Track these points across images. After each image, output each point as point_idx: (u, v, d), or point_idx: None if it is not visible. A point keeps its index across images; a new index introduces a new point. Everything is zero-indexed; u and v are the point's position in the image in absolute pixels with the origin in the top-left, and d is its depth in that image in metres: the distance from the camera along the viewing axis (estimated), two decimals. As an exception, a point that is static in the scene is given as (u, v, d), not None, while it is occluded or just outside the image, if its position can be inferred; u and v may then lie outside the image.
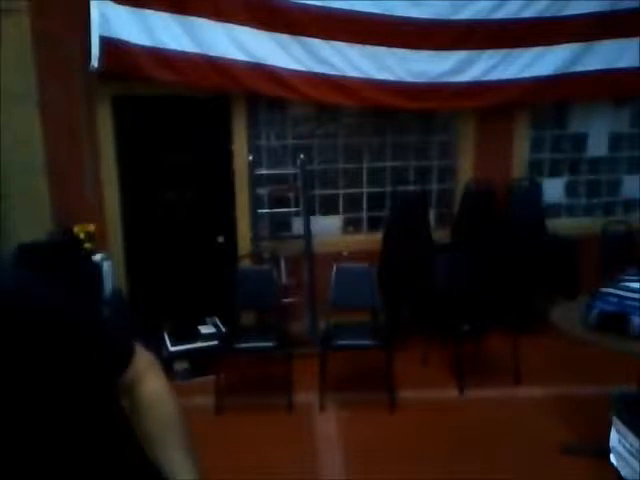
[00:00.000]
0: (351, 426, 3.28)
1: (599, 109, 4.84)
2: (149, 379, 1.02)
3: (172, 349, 3.90)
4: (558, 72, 4.39)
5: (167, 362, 3.75)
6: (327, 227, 4.66)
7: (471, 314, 3.79)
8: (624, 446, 2.45)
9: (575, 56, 4.39)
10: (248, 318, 4.27)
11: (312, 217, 4.48)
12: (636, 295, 2.62)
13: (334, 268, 3.83)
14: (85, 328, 0.92)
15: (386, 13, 4.12)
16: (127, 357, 1.00)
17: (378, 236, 4.47)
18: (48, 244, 3.61)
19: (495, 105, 4.43)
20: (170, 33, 3.84)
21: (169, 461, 0.95)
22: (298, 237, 4.44)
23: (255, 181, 4.38)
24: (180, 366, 3.86)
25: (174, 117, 4.22)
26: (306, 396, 3.55)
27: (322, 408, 3.48)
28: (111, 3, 3.70)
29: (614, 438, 2.53)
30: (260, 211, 4.45)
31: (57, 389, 0.82)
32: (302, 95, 4.17)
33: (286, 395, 3.48)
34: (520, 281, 4.23)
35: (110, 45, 3.72)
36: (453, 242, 4.53)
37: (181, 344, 3.95)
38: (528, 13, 4.27)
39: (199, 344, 3.97)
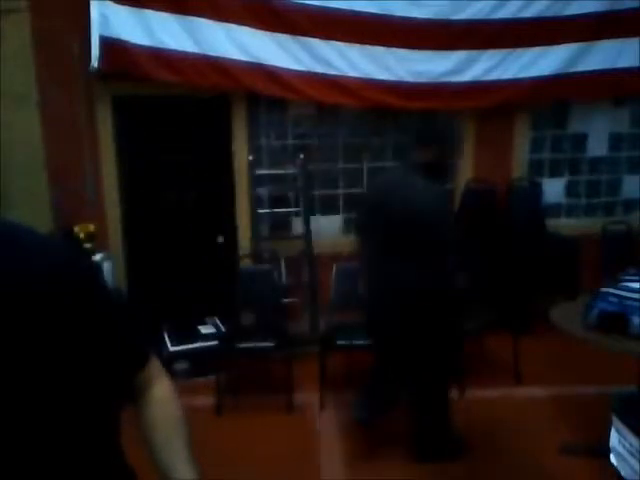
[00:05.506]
0: (351, 426, 3.28)
1: (599, 109, 4.83)
2: (159, 384, 1.04)
3: (172, 349, 3.90)
4: (558, 72, 4.38)
5: (167, 362, 3.74)
6: (327, 227, 4.66)
7: (471, 314, 3.78)
8: (624, 446, 2.45)
9: (575, 56, 4.39)
10: (248, 318, 4.27)
11: (312, 217, 4.48)
12: (636, 295, 2.61)
13: (334, 268, 3.82)
14: (114, 314, 0.97)
15: (386, 13, 4.12)
16: (145, 357, 1.03)
17: (378, 236, 4.46)
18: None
19: (495, 105, 4.42)
20: (170, 33, 3.84)
21: (171, 466, 0.96)
22: (298, 237, 4.44)
23: (255, 181, 4.38)
24: (180, 366, 3.86)
25: (174, 117, 4.22)
26: (306, 396, 3.55)
27: (322, 408, 3.48)
28: (111, 3, 3.71)
29: (614, 438, 2.52)
30: (260, 211, 4.45)
31: (72, 371, 0.85)
32: (302, 95, 4.17)
33: (286, 395, 3.48)
34: (520, 281, 4.23)
35: (110, 45, 3.73)
36: (453, 242, 4.52)
37: (181, 344, 3.95)
38: (528, 13, 4.27)
39: (199, 344, 3.97)
